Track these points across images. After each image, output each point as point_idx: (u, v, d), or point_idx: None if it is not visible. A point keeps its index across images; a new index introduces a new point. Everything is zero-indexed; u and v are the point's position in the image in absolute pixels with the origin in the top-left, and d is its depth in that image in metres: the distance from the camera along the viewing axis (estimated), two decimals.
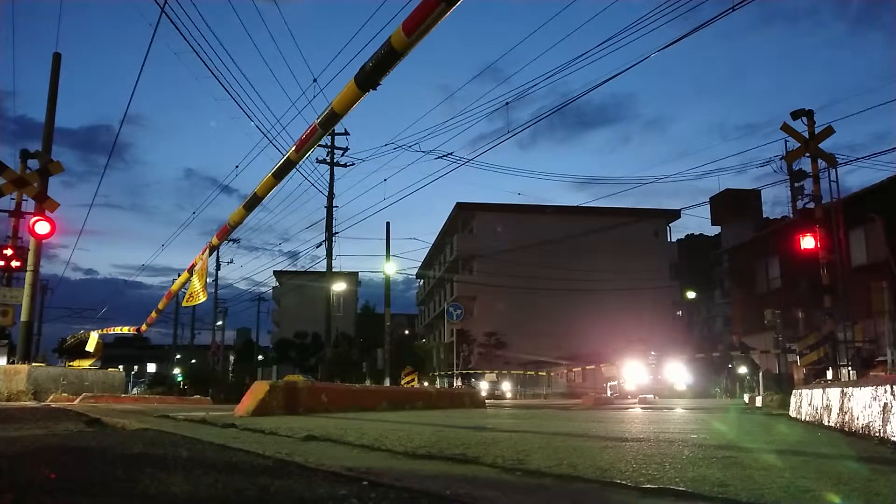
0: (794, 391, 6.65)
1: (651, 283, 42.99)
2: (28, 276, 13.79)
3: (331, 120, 9.42)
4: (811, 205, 14.05)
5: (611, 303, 42.29)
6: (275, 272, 61.55)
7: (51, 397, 11.66)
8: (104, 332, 33.26)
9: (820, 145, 14.07)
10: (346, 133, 27.34)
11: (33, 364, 13.14)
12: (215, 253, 31.26)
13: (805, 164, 14.27)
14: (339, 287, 32.77)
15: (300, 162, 11.85)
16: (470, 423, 5.43)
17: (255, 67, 15.00)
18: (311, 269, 36.71)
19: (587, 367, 32.14)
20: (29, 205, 14.13)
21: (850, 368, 12.59)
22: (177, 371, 50.18)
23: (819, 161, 14.10)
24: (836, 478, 2.07)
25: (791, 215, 17.45)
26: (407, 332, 64.97)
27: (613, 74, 12.25)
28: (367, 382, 30.30)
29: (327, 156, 27.45)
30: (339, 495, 1.74)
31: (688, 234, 68.06)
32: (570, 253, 42.45)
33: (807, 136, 14.05)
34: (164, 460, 2.55)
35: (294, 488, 1.88)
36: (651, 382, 21.87)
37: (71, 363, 27.65)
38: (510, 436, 3.97)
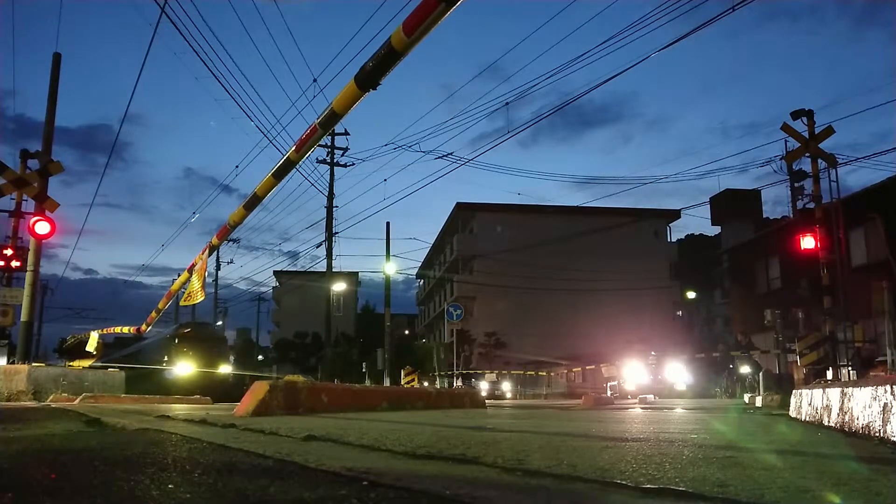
0: (794, 391, 6.65)
1: (651, 283, 43.01)
2: (28, 276, 13.79)
3: (331, 120, 9.43)
4: (811, 205, 14.05)
5: (611, 303, 42.32)
6: (275, 272, 61.63)
7: (51, 397, 11.66)
8: (104, 332, 33.23)
9: (820, 145, 14.07)
10: (346, 133, 27.42)
11: (33, 364, 13.14)
12: (215, 253, 31.27)
13: (805, 164, 14.29)
14: (339, 287, 32.80)
15: (300, 162, 11.86)
16: (470, 423, 5.43)
17: (255, 67, 15.03)
18: (311, 269, 36.76)
19: (587, 367, 32.14)
20: (29, 205, 14.14)
21: (850, 368, 12.59)
22: None
23: (819, 161, 14.10)
24: (836, 478, 2.07)
25: (791, 215, 17.46)
26: (407, 332, 65.01)
27: (614, 74, 12.27)
28: (367, 382, 30.30)
29: (327, 156, 27.52)
30: (339, 495, 1.74)
31: (688, 234, 68.15)
32: (570, 253, 42.48)
33: (807, 136, 14.06)
34: (165, 460, 2.55)
35: (294, 488, 1.88)
36: (651, 382, 21.87)
37: (71, 363, 27.63)
38: (510, 436, 3.97)
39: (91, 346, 29.63)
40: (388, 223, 27.27)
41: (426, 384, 28.56)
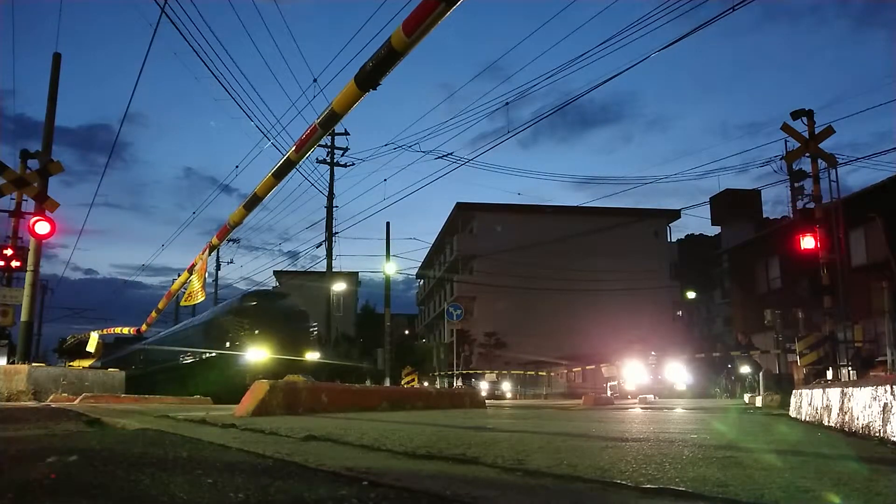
0: (794, 391, 6.65)
1: (651, 283, 43.01)
2: (28, 276, 13.79)
3: (331, 120, 9.44)
4: (811, 205, 14.06)
5: (611, 303, 42.31)
6: (275, 272, 61.41)
7: (51, 397, 11.65)
8: (104, 332, 33.22)
9: (821, 145, 14.08)
10: (346, 133, 27.45)
11: (33, 364, 13.14)
12: (215, 253, 31.24)
13: (805, 164, 14.29)
14: (339, 287, 32.77)
15: (300, 162, 11.88)
16: (470, 423, 5.43)
17: (255, 67, 15.07)
18: (311, 269, 36.67)
19: (587, 367, 32.13)
20: (29, 205, 14.15)
21: (850, 368, 12.58)
22: None
23: (819, 161, 14.11)
24: (836, 478, 2.07)
25: (791, 215, 17.46)
26: (407, 332, 64.97)
27: (615, 74, 12.28)
28: (367, 382, 30.28)
29: (327, 156, 27.55)
30: (339, 495, 1.74)
31: (688, 234, 68.10)
32: (569, 253, 42.47)
33: (807, 136, 14.06)
34: (165, 460, 2.55)
35: (294, 488, 1.88)
36: (651, 382, 21.85)
37: (71, 363, 27.60)
38: (510, 436, 3.97)
39: (91, 347, 29.62)
40: (388, 223, 27.31)
41: (426, 384, 28.56)
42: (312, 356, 16.87)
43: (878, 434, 3.22)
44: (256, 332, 15.71)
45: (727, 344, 25.56)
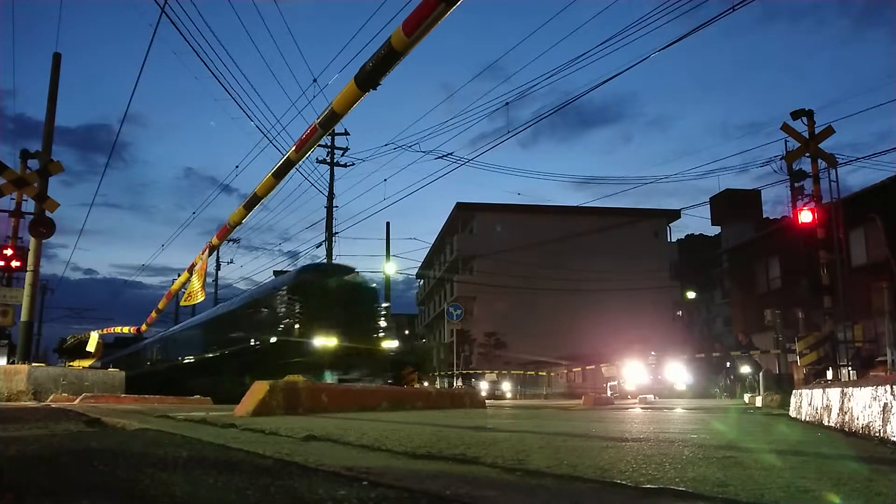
0: (794, 391, 6.65)
1: (651, 283, 42.99)
2: (28, 276, 13.80)
3: (331, 120, 9.45)
4: (811, 205, 14.05)
5: (611, 303, 42.29)
6: (275, 272, 61.43)
7: (51, 397, 11.65)
8: (104, 332, 33.26)
9: (821, 145, 14.07)
10: (346, 133, 27.43)
11: (33, 364, 13.14)
12: (215, 253, 31.18)
13: (805, 164, 14.28)
14: None
15: (300, 162, 11.89)
16: (470, 423, 5.43)
17: (255, 67, 15.09)
18: None
19: (587, 367, 32.10)
20: (29, 205, 14.17)
21: (850, 368, 12.58)
22: None
23: (819, 161, 14.10)
24: (836, 478, 2.07)
25: (791, 216, 17.45)
26: (407, 332, 64.98)
27: (615, 74, 12.30)
28: None
29: (327, 156, 27.53)
30: (339, 495, 1.74)
31: (688, 234, 68.11)
32: (569, 253, 42.46)
33: (807, 136, 14.05)
34: (165, 460, 2.55)
35: (294, 488, 1.87)
36: (651, 382, 21.84)
37: (71, 363, 27.63)
38: (510, 436, 3.97)
39: (91, 347, 29.67)
40: (388, 223, 27.37)
41: (426, 384, 28.54)
42: (389, 344, 14.04)
43: (878, 434, 3.22)
44: (318, 313, 12.99)
45: (727, 344, 25.55)
